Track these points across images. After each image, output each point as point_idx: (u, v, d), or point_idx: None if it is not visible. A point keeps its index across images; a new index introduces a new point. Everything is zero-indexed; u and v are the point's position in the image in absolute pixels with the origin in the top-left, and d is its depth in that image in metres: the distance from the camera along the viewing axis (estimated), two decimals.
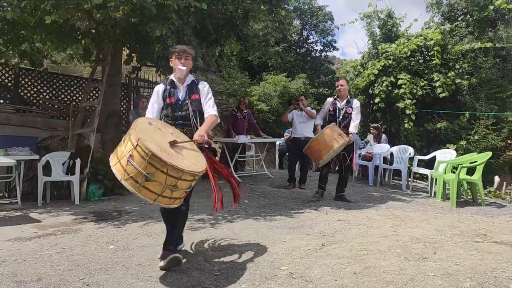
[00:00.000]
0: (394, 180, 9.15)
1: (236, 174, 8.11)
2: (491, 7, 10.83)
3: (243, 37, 8.35)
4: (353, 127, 6.13)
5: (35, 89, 8.52)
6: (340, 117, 6.21)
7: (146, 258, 3.46)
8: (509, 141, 10.92)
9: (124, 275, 3.06)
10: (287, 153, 9.47)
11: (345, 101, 6.29)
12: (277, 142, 10.68)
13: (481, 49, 10.39)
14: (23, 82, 8.41)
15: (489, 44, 10.24)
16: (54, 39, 6.63)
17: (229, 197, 6.23)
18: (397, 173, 9.08)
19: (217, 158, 9.36)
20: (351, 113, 6.20)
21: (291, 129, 10.66)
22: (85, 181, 6.40)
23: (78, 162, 6.32)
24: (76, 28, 6.34)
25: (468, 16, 11.41)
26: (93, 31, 6.59)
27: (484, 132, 9.90)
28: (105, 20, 5.95)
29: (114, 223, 4.81)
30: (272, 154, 12.22)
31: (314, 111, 7.65)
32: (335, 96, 6.45)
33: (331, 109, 6.32)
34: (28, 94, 8.48)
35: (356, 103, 6.29)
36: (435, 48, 10.20)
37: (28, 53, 7.11)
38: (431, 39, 10.31)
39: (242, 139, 8.30)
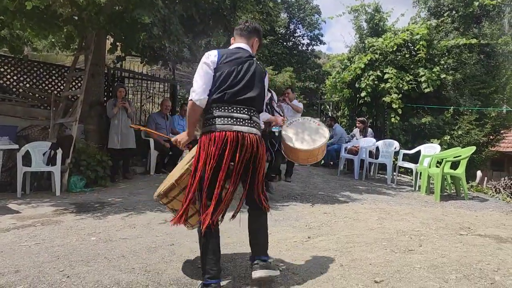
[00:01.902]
0: (379, 174, 9.20)
1: None
2: (476, 3, 10.91)
3: (230, 28, 8.23)
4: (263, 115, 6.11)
5: (15, 77, 8.27)
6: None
7: (129, 250, 3.37)
8: (491, 137, 11.09)
9: (106, 267, 2.97)
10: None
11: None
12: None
13: (466, 45, 10.48)
14: (2, 69, 8.15)
15: (474, 41, 10.33)
16: (35, 26, 6.41)
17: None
18: (383, 167, 9.13)
19: None
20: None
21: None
22: (67, 172, 6.26)
23: (59, 152, 6.17)
24: (58, 14, 6.13)
25: (454, 12, 11.48)
26: (76, 18, 6.40)
27: (467, 127, 10.01)
28: (89, 6, 5.76)
29: (96, 214, 4.70)
30: None
31: (301, 105, 7.61)
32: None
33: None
34: (8, 82, 8.23)
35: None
36: (420, 43, 10.25)
37: (7, 39, 6.89)
38: (417, 34, 10.35)
39: None
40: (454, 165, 6.90)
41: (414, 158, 8.30)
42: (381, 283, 2.74)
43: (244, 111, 2.69)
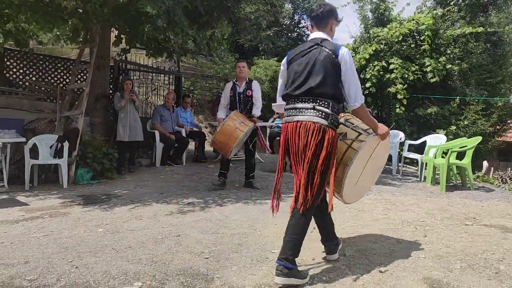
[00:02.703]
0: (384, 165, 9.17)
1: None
2: None
3: (235, 19, 8.20)
4: (256, 110, 5.80)
5: (21, 71, 8.32)
6: (241, 102, 5.83)
7: (135, 241, 3.42)
8: (498, 127, 11.01)
9: (114, 257, 3.01)
10: (278, 138, 9.44)
11: (244, 83, 5.86)
12: (269, 122, 10.57)
13: (472, 34, 10.37)
14: (8, 63, 8.20)
15: (480, 29, 10.21)
16: (40, 19, 6.44)
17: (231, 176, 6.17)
18: (388, 158, 9.09)
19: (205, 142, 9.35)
20: (251, 95, 5.82)
21: (276, 115, 10.59)
22: (74, 164, 6.31)
23: (66, 145, 6.22)
24: (62, 7, 6.15)
25: (460, 0, 11.35)
26: (81, 10, 6.41)
27: (473, 118, 9.94)
28: None
29: (103, 206, 4.75)
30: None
31: None
32: (234, 80, 5.98)
33: (231, 94, 5.87)
34: (14, 76, 8.28)
35: (256, 84, 5.92)
36: (426, 33, 10.15)
37: (13, 33, 6.92)
38: (423, 24, 10.26)
39: None
40: (460, 155, 6.87)
41: (420, 149, 8.27)
42: (386, 273, 2.77)
43: (308, 101, 2.74)
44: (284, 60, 3.00)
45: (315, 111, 2.70)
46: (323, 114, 2.69)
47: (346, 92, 2.80)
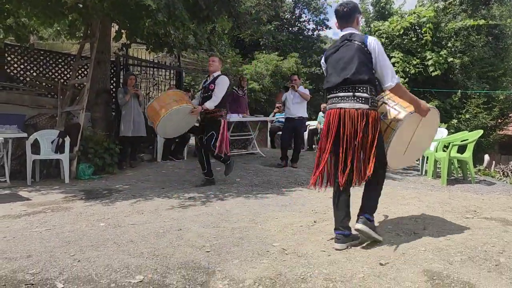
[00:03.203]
0: None
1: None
2: None
3: (235, 14, 8.17)
4: (209, 102, 5.50)
5: (21, 66, 8.32)
6: (201, 95, 5.70)
7: (137, 235, 3.43)
8: (499, 120, 11.01)
9: (116, 251, 3.03)
10: (279, 132, 9.46)
11: (211, 77, 5.68)
12: (270, 117, 10.59)
13: (474, 27, 10.35)
14: (9, 58, 8.20)
15: (482, 22, 10.18)
16: (40, 14, 6.44)
17: (223, 175, 6.19)
18: None
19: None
20: (213, 89, 5.58)
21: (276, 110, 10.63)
22: (75, 159, 6.33)
23: (67, 140, 6.23)
24: (62, 2, 6.14)
25: None
26: (81, 5, 6.40)
27: (475, 111, 9.95)
28: None
29: (105, 201, 4.77)
30: (264, 133, 12.18)
31: (307, 91, 7.60)
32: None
33: (201, 87, 5.83)
34: (15, 71, 8.28)
35: (222, 79, 5.63)
36: (427, 25, 10.12)
37: (13, 28, 6.92)
38: (424, 16, 10.22)
39: (234, 117, 8.26)
40: (462, 149, 6.87)
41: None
42: (386, 266, 2.78)
43: (348, 89, 3.10)
44: (322, 59, 3.45)
45: (355, 98, 3.06)
46: (363, 99, 3.06)
47: (380, 75, 3.10)
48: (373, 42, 3.09)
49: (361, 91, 3.05)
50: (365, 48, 3.08)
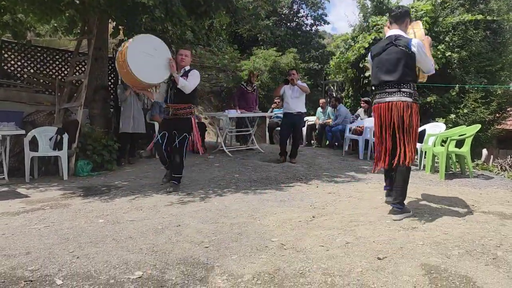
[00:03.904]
0: None
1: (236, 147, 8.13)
2: None
3: (233, 9, 8.15)
4: (183, 80, 4.98)
5: (19, 63, 8.29)
6: (171, 89, 5.14)
7: (136, 232, 3.44)
8: (497, 115, 11.02)
9: (114, 247, 3.04)
10: (278, 128, 9.46)
11: (183, 71, 5.13)
12: (268, 112, 10.59)
13: (472, 22, 10.33)
14: (6, 55, 8.17)
15: (480, 17, 10.16)
16: (37, 10, 6.41)
17: (222, 170, 6.20)
18: None
19: (206, 133, 9.37)
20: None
21: (274, 105, 10.65)
22: (73, 156, 6.33)
23: (65, 137, 6.23)
24: None
25: None
26: (77, 1, 6.38)
27: (473, 106, 9.95)
28: None
29: (104, 197, 4.78)
30: (262, 129, 12.18)
31: (305, 85, 7.60)
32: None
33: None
34: (12, 68, 8.25)
35: (194, 72, 5.17)
36: (424, 19, 10.10)
37: (10, 25, 6.89)
38: (421, 10, 10.20)
39: (232, 113, 8.26)
40: (460, 144, 6.88)
41: (419, 137, 8.26)
42: (384, 260, 2.79)
43: (394, 86, 3.75)
44: (369, 56, 4.08)
45: (400, 92, 3.73)
46: (407, 93, 3.72)
47: (423, 68, 3.80)
48: (416, 45, 3.69)
49: (406, 87, 3.72)
50: (409, 51, 3.67)
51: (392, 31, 3.85)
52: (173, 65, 4.99)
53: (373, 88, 3.96)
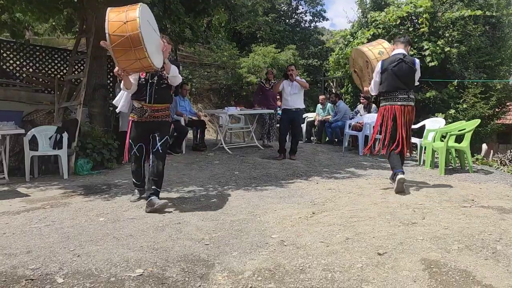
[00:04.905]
0: None
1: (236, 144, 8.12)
2: None
3: (231, 6, 8.14)
4: (173, 68, 4.34)
5: (17, 62, 8.29)
6: (154, 85, 4.28)
7: (136, 229, 3.45)
8: (497, 109, 11.00)
9: (115, 245, 3.05)
10: (277, 125, 9.45)
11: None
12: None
13: (471, 17, 10.30)
14: (4, 55, 8.16)
15: (479, 12, 10.12)
16: (35, 9, 6.40)
17: (222, 168, 6.20)
18: None
19: (206, 130, 9.36)
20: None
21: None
22: (73, 155, 6.33)
23: (65, 136, 6.22)
24: None
25: None
26: (75, 0, 6.36)
27: (472, 101, 9.93)
28: None
29: (104, 196, 4.78)
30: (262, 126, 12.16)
31: (304, 80, 7.60)
32: None
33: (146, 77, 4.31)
34: (11, 68, 8.25)
35: (175, 66, 4.39)
36: (424, 16, 10.07)
37: (8, 24, 6.88)
38: (421, 6, 10.17)
39: (231, 110, 8.26)
40: (459, 139, 6.88)
41: (419, 133, 8.28)
42: (384, 255, 2.80)
43: (404, 92, 4.91)
44: (379, 68, 5.00)
45: (409, 98, 4.93)
46: (412, 99, 4.98)
47: (416, 79, 5.07)
48: (418, 63, 5.00)
49: (411, 93, 4.95)
50: (414, 67, 4.92)
51: (399, 50, 4.99)
52: (166, 50, 4.20)
53: (384, 93, 4.99)
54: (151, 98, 4.21)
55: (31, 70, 8.44)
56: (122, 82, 4.22)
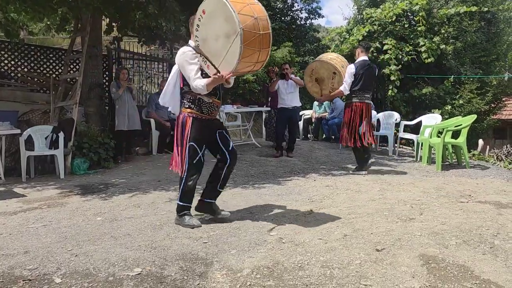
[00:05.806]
0: (380, 146, 9.22)
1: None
2: None
3: None
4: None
5: (12, 62, 8.24)
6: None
7: (134, 229, 3.44)
8: (493, 105, 11.04)
9: (113, 245, 3.03)
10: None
11: None
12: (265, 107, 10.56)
13: (467, 13, 10.32)
14: None
15: (474, 8, 10.15)
16: (29, 9, 6.35)
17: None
18: (384, 139, 9.14)
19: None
20: None
21: None
22: (70, 154, 6.31)
23: (61, 135, 6.20)
24: None
25: None
26: None
27: (468, 96, 9.97)
28: None
29: (101, 195, 4.76)
30: (259, 124, 12.16)
31: (299, 78, 7.60)
32: None
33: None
34: (6, 67, 8.20)
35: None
36: (420, 14, 10.09)
37: (2, 23, 6.83)
38: (416, 4, 10.18)
39: (228, 108, 8.25)
40: (456, 134, 6.90)
41: (415, 129, 8.30)
42: (383, 251, 2.80)
43: (368, 92, 5.93)
44: (354, 70, 5.76)
45: (370, 97, 5.94)
46: (371, 98, 6.00)
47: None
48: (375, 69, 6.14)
49: (371, 93, 6.03)
50: (375, 71, 6.03)
51: (365, 57, 5.91)
52: None
53: (356, 91, 5.79)
54: (220, 94, 3.63)
55: (26, 69, 8.40)
56: (203, 83, 3.32)
